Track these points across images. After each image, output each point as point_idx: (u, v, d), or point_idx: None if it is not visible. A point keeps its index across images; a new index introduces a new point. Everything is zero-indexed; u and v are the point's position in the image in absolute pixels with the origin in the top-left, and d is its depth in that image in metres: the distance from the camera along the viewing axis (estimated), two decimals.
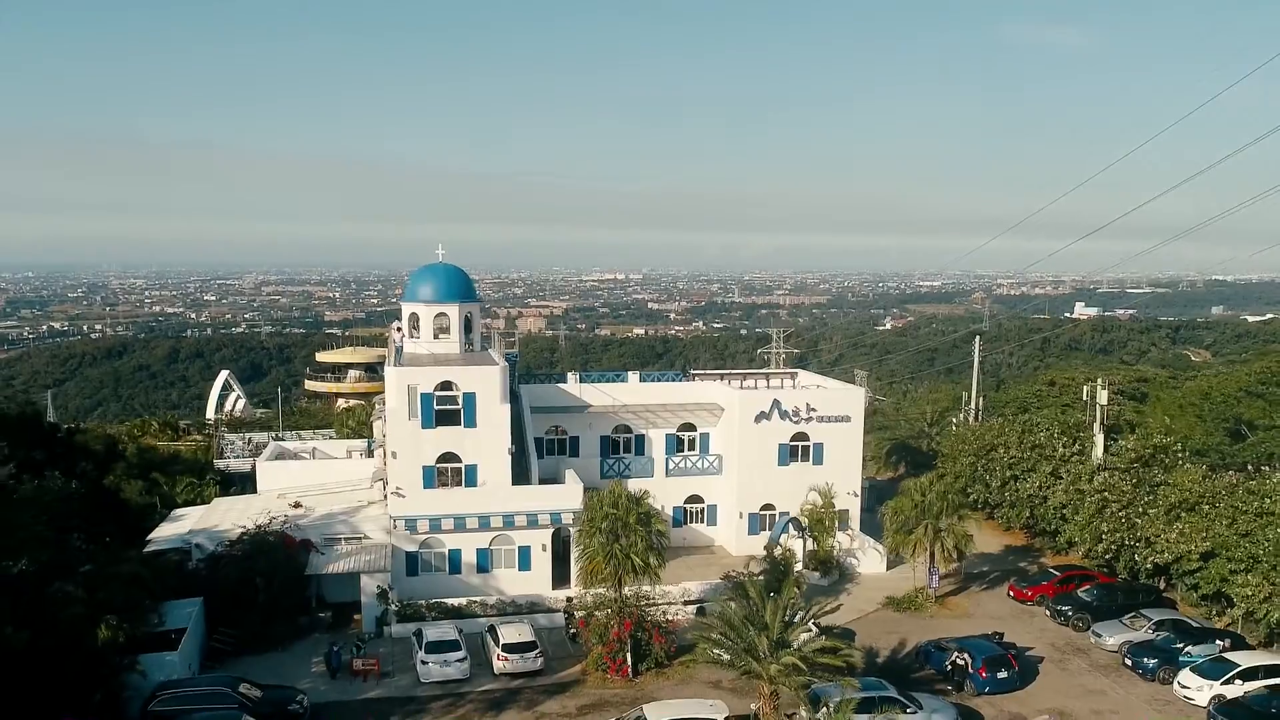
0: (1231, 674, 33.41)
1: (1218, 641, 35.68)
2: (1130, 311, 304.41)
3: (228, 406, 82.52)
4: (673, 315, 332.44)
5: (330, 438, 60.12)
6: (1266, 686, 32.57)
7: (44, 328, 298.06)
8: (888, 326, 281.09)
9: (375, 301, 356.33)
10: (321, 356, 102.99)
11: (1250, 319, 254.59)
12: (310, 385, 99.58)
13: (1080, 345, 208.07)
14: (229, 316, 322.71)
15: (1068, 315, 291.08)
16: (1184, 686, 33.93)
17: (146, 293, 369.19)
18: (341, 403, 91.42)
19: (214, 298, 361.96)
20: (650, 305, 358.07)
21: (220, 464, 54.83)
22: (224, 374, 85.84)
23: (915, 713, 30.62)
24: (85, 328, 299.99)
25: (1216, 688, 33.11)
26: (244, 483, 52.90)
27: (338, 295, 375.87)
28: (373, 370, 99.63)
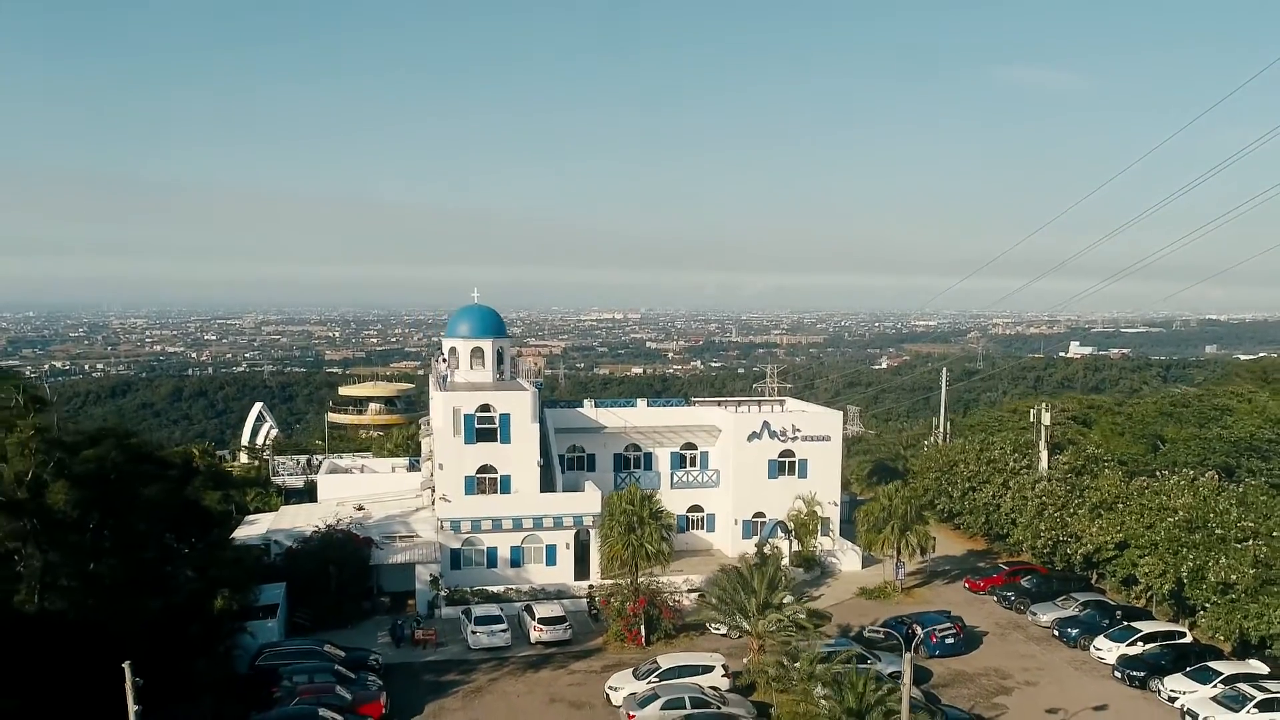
0: (1135, 638, 41.89)
1: (1118, 611, 44.37)
2: (1124, 351, 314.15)
3: (261, 435, 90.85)
4: (671, 354, 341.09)
5: (367, 457, 68.59)
6: (1159, 645, 41.03)
7: (46, 367, 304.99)
8: (884, 365, 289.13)
9: (375, 341, 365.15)
10: (344, 390, 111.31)
11: (1242, 357, 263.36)
12: (333, 417, 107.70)
13: (1073, 384, 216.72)
14: (230, 356, 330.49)
15: (1062, 354, 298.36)
16: (1097, 649, 42.35)
17: (147, 332, 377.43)
18: (363, 434, 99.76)
19: (214, 337, 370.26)
20: (649, 344, 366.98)
21: (276, 480, 63.24)
22: (258, 406, 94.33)
23: (875, 663, 38.86)
24: (87, 367, 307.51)
25: (1122, 649, 41.53)
26: (298, 495, 61.40)
27: (337, 335, 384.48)
28: (391, 404, 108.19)
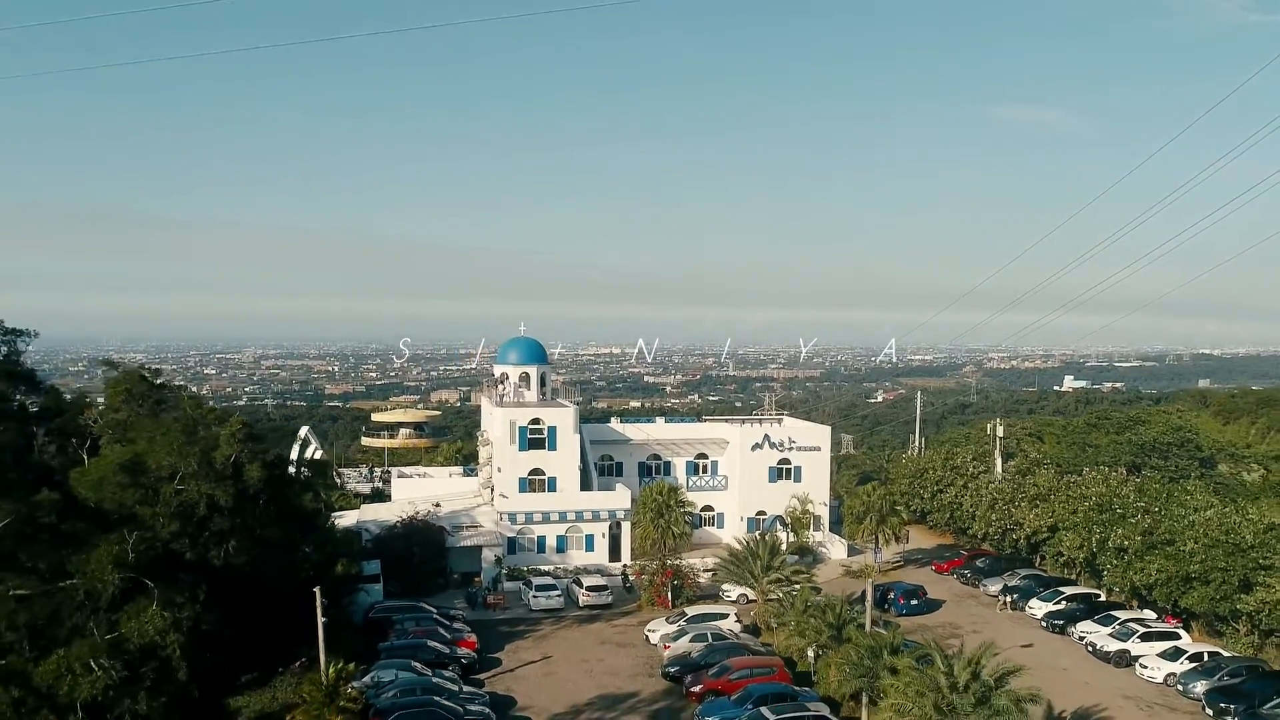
0: (1060, 598, 54.58)
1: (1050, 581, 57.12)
2: (1116, 385, 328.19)
3: (308, 454, 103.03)
4: (669, 388, 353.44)
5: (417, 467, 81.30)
6: (1077, 603, 53.73)
7: None
8: (879, 399, 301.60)
9: (374, 375, 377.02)
10: (377, 417, 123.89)
11: None
12: (366, 441, 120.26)
13: (1064, 415, 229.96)
14: (230, 390, 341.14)
15: (1056, 388, 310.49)
16: (1031, 608, 55.00)
17: (146, 367, 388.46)
18: (394, 455, 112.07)
19: (214, 371, 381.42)
20: (647, 379, 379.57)
21: (348, 487, 75.85)
22: (304, 429, 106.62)
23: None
24: (88, 401, 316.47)
25: (1050, 607, 54.17)
26: (366, 499, 73.90)
27: (336, 369, 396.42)
28: (420, 429, 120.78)
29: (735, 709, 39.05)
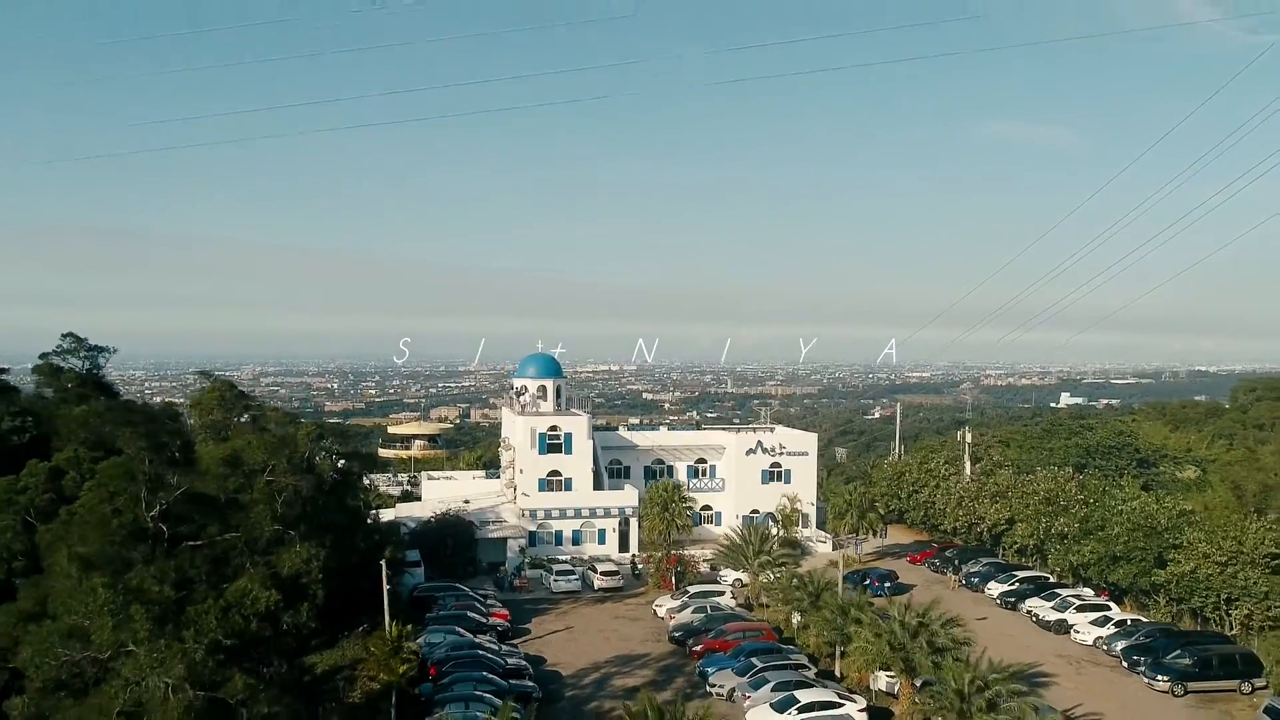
0: (1014, 580, 63.89)
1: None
2: (1109, 401, 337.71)
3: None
4: (667, 405, 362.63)
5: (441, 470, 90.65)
6: (1028, 584, 63.03)
7: None
8: (876, 416, 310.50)
9: (374, 392, 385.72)
10: (393, 429, 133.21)
11: (1228, 408, 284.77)
12: (383, 453, 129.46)
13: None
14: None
15: (1053, 405, 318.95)
16: (989, 590, 64.29)
17: (146, 384, 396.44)
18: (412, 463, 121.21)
19: None
20: (645, 395, 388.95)
21: (382, 490, 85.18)
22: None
23: None
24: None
25: (1004, 588, 63.47)
26: (395, 499, 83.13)
27: (335, 386, 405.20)
28: (434, 440, 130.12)
29: (730, 660, 48.36)
